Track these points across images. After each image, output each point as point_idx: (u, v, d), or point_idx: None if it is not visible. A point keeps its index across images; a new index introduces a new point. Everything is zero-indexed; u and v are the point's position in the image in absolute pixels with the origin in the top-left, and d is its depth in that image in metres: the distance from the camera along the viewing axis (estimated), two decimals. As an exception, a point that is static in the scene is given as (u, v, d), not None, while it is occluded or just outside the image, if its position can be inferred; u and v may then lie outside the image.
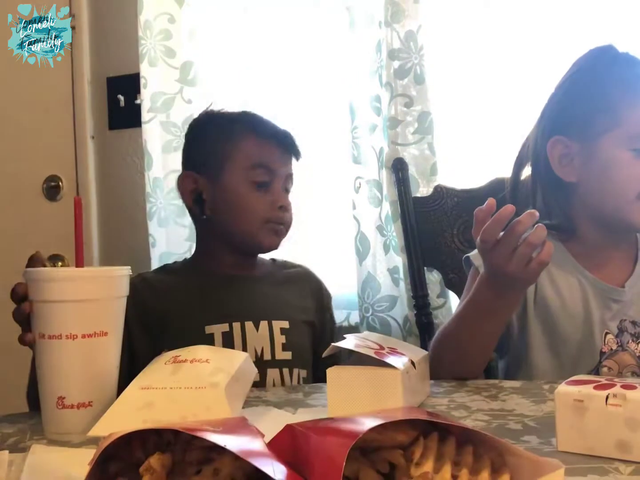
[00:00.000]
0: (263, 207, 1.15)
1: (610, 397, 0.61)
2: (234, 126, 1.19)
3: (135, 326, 1.07)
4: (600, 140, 1.05)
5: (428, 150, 1.55)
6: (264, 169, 1.16)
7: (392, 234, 1.58)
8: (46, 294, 0.73)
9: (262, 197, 1.15)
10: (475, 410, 0.80)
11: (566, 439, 0.63)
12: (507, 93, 1.53)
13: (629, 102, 1.04)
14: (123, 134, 1.91)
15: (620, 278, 1.08)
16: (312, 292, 1.26)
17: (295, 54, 1.72)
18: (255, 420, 0.77)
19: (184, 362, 0.77)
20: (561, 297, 1.07)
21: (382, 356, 0.79)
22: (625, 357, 1.03)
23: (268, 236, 1.16)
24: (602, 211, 1.07)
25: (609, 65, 1.08)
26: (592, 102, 1.07)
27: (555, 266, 1.08)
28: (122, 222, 1.91)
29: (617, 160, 1.04)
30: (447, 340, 1.01)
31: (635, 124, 1.04)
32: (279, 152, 1.18)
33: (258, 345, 1.12)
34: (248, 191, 1.15)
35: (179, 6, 1.72)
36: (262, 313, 1.14)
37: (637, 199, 1.02)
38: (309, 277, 1.28)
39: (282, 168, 1.18)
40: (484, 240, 0.86)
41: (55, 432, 0.74)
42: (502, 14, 1.57)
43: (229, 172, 1.16)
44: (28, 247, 1.97)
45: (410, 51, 1.55)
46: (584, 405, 0.62)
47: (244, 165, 1.16)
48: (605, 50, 1.09)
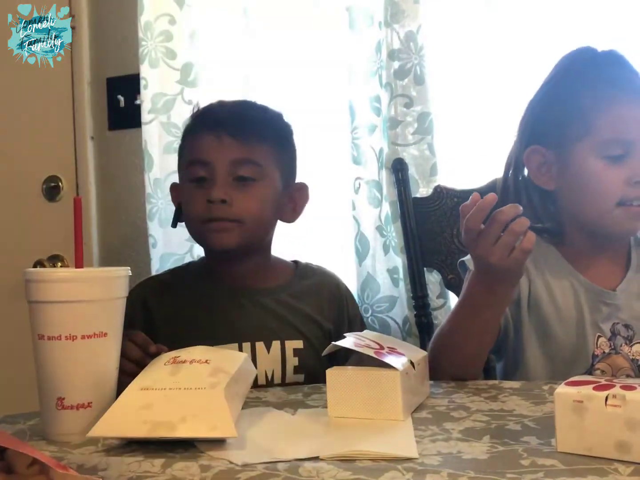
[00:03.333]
0: (200, 205, 1.09)
1: (610, 397, 0.61)
2: (186, 127, 1.18)
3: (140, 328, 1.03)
4: (573, 149, 1.05)
5: (428, 151, 1.55)
6: (199, 165, 1.10)
7: (391, 235, 1.58)
8: (45, 295, 0.73)
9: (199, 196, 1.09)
10: (474, 411, 0.80)
11: (566, 440, 0.63)
12: (508, 93, 1.53)
13: (598, 108, 1.03)
14: (123, 135, 1.91)
15: (612, 281, 1.08)
16: (330, 301, 1.18)
17: (295, 54, 1.72)
18: (255, 421, 0.77)
19: (184, 362, 0.77)
20: (554, 301, 1.07)
21: (381, 356, 0.79)
22: (618, 360, 1.03)
23: (211, 236, 1.09)
24: (584, 219, 1.07)
25: (583, 69, 1.07)
26: (564, 110, 1.07)
27: (549, 269, 1.08)
28: (122, 222, 1.91)
29: (590, 169, 1.03)
30: (442, 341, 1.01)
31: (604, 131, 1.02)
32: (212, 139, 1.09)
33: (269, 368, 1.08)
34: (188, 190, 1.12)
35: (179, 7, 1.72)
36: (274, 332, 1.09)
37: (617, 206, 1.02)
38: (329, 285, 1.20)
39: (218, 157, 1.09)
40: (467, 229, 0.87)
41: (54, 433, 0.74)
42: (502, 13, 1.56)
43: (181, 178, 1.16)
44: (28, 247, 1.99)
45: (410, 51, 1.55)
46: (584, 406, 0.62)
47: (183, 167, 1.15)
48: (581, 54, 1.08)
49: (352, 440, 0.69)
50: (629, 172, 1.01)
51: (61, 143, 1.90)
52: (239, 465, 0.62)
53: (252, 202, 1.09)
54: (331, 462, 0.62)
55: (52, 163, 1.90)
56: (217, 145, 1.08)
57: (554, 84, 1.10)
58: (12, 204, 1.92)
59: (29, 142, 1.91)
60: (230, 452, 0.66)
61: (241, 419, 0.73)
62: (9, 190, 1.91)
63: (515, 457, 0.62)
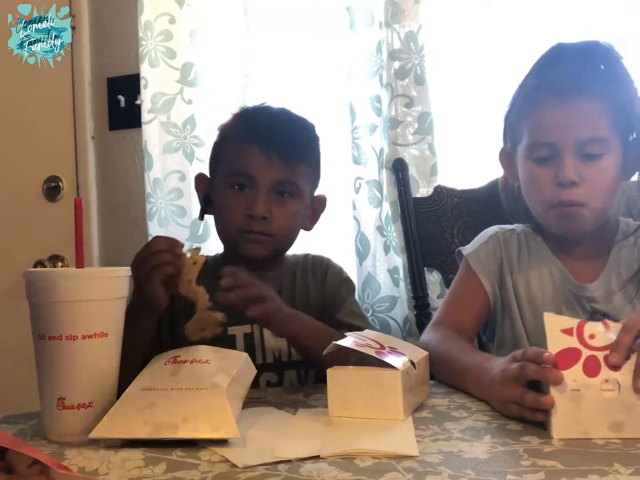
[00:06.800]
0: (240, 215, 1.10)
1: (604, 383, 0.68)
2: (227, 130, 1.18)
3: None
4: (517, 150, 1.09)
5: (428, 151, 1.55)
6: (244, 176, 1.11)
7: (392, 235, 1.58)
8: (46, 295, 0.73)
9: (238, 204, 1.11)
10: (475, 411, 0.80)
11: (561, 427, 0.68)
12: (508, 93, 1.53)
13: (529, 112, 1.05)
14: (123, 135, 1.91)
15: (590, 275, 1.08)
16: (321, 276, 1.21)
17: (295, 54, 1.72)
18: (256, 421, 0.77)
19: (184, 362, 0.78)
20: (533, 294, 1.09)
21: (382, 356, 0.79)
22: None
23: (245, 245, 1.11)
24: (534, 214, 1.10)
25: (541, 69, 1.08)
26: (516, 112, 1.10)
27: (533, 261, 1.11)
28: (123, 222, 1.91)
29: (525, 170, 1.07)
30: (441, 365, 0.98)
31: (531, 134, 1.05)
32: (262, 158, 1.11)
33: (276, 348, 1.10)
34: (228, 197, 1.12)
35: (179, 7, 1.72)
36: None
37: (551, 207, 1.03)
38: (321, 263, 1.23)
39: (264, 175, 1.11)
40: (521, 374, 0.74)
41: (55, 432, 0.74)
42: (502, 13, 1.56)
43: (217, 178, 1.16)
44: (28, 248, 1.99)
45: (411, 51, 1.55)
46: (581, 394, 0.68)
47: (225, 171, 1.14)
48: (545, 54, 1.08)
49: (353, 439, 0.69)
50: (553, 171, 1.02)
51: (61, 143, 1.91)
52: (240, 467, 0.62)
53: (288, 218, 1.14)
54: (332, 463, 0.62)
55: (53, 163, 1.90)
56: (265, 163, 1.11)
57: (517, 88, 1.12)
58: (13, 204, 1.92)
59: (30, 142, 1.91)
60: (232, 453, 0.66)
61: (242, 419, 0.73)
62: (10, 191, 1.91)
63: (516, 457, 0.62)
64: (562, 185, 1.00)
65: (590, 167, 1.00)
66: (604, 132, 1.01)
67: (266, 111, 1.21)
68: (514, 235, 1.15)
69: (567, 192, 1.00)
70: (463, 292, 1.14)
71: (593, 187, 1.01)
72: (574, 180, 0.99)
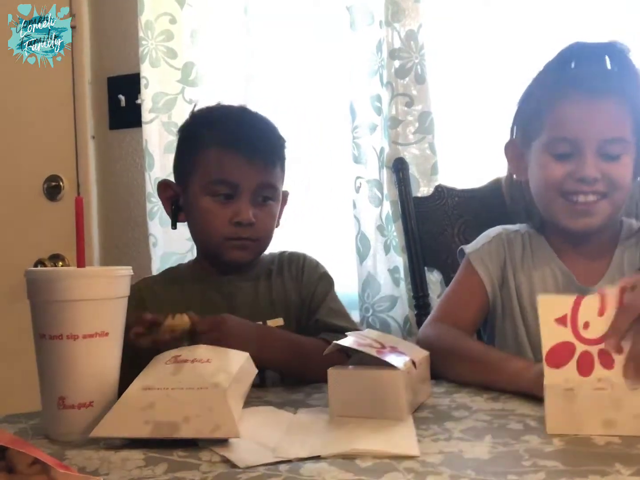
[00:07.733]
0: (224, 223, 1.09)
1: (596, 381, 0.69)
2: (199, 136, 1.14)
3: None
4: (532, 145, 1.08)
5: (429, 150, 1.55)
6: (226, 184, 1.09)
7: (392, 234, 1.58)
8: (47, 294, 0.73)
9: (222, 213, 1.09)
10: (476, 411, 0.80)
11: (555, 423, 0.69)
12: (508, 92, 1.53)
13: (552, 106, 1.05)
14: (124, 134, 1.91)
15: (593, 278, 1.08)
16: (297, 272, 1.19)
17: (295, 54, 1.72)
18: (257, 420, 0.77)
19: (185, 362, 0.77)
20: (535, 295, 1.07)
21: (383, 355, 0.79)
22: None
23: (231, 251, 1.10)
24: (542, 211, 1.10)
25: (554, 66, 1.08)
26: (530, 107, 1.10)
27: (536, 262, 1.11)
28: (123, 222, 1.92)
29: (539, 163, 1.07)
30: (458, 358, 0.99)
31: (553, 129, 1.05)
32: (244, 163, 1.08)
33: None
34: (208, 205, 1.10)
35: (180, 6, 1.72)
36: (256, 314, 1.11)
37: (560, 196, 1.04)
38: (297, 259, 1.21)
39: (247, 181, 1.09)
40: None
41: (56, 432, 0.74)
42: (502, 12, 1.56)
43: (192, 185, 1.12)
44: (29, 247, 1.99)
45: (411, 51, 1.55)
46: (574, 393, 0.69)
47: (204, 179, 1.10)
48: (565, 50, 1.09)
49: (354, 439, 0.69)
50: (573, 166, 1.02)
51: (62, 142, 1.91)
52: (241, 467, 0.62)
53: (270, 221, 1.14)
54: (333, 463, 0.62)
55: (53, 162, 1.90)
56: (247, 169, 1.09)
57: (533, 81, 1.12)
58: (13, 203, 1.92)
59: (30, 141, 1.92)
60: (232, 452, 0.66)
61: (242, 419, 0.73)
62: (10, 190, 1.92)
63: (517, 457, 0.62)
64: (584, 181, 1.01)
65: (610, 166, 1.01)
66: (626, 132, 1.02)
67: (232, 112, 1.17)
68: (518, 236, 1.15)
69: (587, 187, 1.01)
70: (463, 290, 1.14)
71: (611, 184, 1.02)
72: (596, 177, 1.00)
